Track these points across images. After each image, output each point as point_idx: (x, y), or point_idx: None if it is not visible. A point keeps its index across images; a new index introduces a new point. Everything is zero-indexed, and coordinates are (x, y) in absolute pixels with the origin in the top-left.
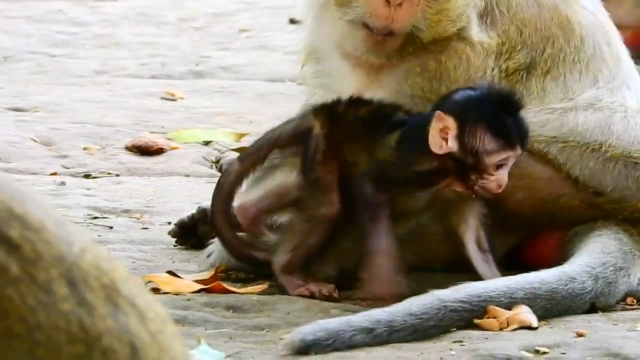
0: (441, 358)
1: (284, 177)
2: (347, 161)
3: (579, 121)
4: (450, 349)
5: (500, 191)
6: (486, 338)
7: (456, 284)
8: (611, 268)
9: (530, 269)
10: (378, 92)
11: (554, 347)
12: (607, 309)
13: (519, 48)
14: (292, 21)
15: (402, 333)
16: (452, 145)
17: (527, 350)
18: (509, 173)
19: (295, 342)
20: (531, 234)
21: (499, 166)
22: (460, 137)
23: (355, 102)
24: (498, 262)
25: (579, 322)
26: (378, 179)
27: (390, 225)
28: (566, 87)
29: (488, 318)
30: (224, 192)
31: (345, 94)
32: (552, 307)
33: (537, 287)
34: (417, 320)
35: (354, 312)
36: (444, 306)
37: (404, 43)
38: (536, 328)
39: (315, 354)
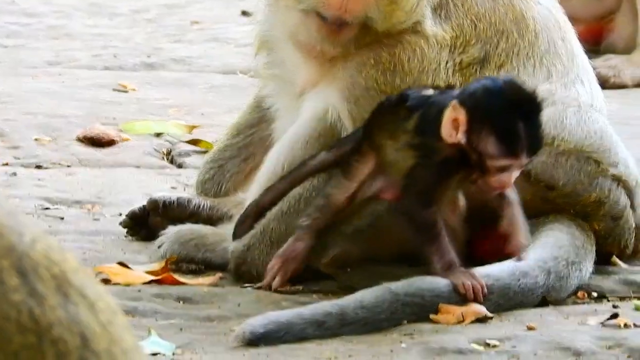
0: (392, 351)
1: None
2: (375, 144)
3: None
4: (401, 342)
5: (501, 192)
6: (437, 331)
7: (408, 278)
8: (563, 262)
9: (482, 263)
10: (332, 84)
11: (505, 340)
12: (558, 302)
13: (473, 42)
14: (244, 13)
15: (354, 326)
16: (461, 138)
17: (477, 343)
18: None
19: (245, 334)
20: (483, 228)
21: (501, 170)
22: (468, 133)
23: None
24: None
25: (530, 315)
26: (417, 193)
27: (446, 235)
28: None
29: (442, 314)
30: (304, 171)
31: (299, 85)
32: (504, 303)
33: (490, 283)
34: (369, 313)
35: (305, 304)
36: (396, 299)
37: (358, 34)
38: (491, 318)
39: (266, 346)
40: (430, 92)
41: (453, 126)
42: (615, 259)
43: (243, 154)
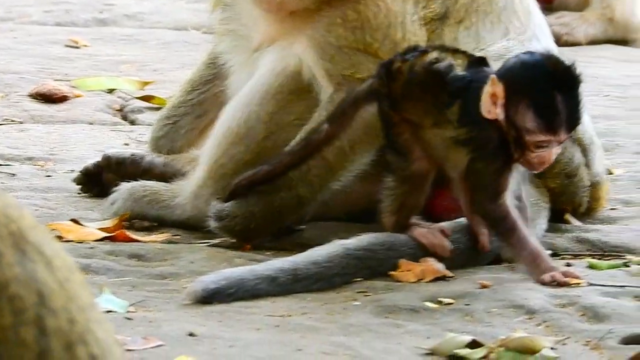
0: (345, 308)
1: None
2: (412, 121)
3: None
4: (355, 299)
5: (541, 169)
6: (391, 289)
7: (361, 234)
8: None
9: (436, 220)
10: (300, 41)
11: (458, 298)
12: (511, 260)
13: None
14: None
15: (306, 282)
16: (500, 113)
17: (431, 301)
18: None
19: (197, 291)
20: (437, 186)
21: (539, 146)
22: (506, 107)
23: (409, 53)
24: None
25: (483, 273)
26: (483, 189)
27: (524, 224)
28: (478, 37)
29: (402, 271)
30: (311, 147)
31: (255, 41)
32: (456, 258)
33: None
34: (321, 269)
35: (259, 261)
36: (348, 254)
37: None
38: (451, 277)
39: (219, 302)
40: (456, 62)
41: (492, 101)
42: (568, 216)
43: (197, 111)
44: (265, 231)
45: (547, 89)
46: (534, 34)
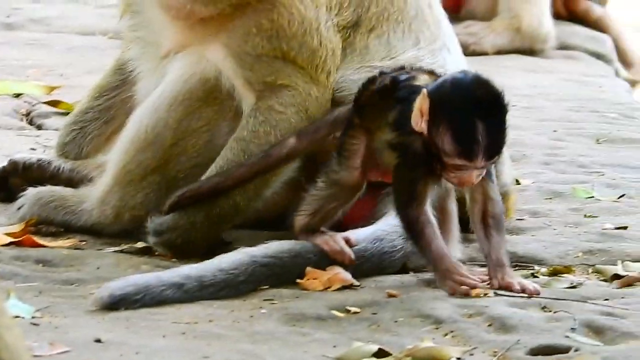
0: (251, 316)
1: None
2: (366, 125)
3: None
4: (261, 307)
5: (463, 187)
6: (298, 297)
7: (267, 242)
8: None
9: (344, 229)
10: (217, 51)
11: (366, 307)
12: (418, 269)
13: (346, 5)
14: None
15: (212, 289)
16: (424, 128)
17: (338, 310)
18: None
19: (104, 297)
20: None
21: (457, 169)
22: (429, 124)
23: (394, 71)
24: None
25: (391, 282)
26: (398, 193)
27: (438, 234)
28: (389, 46)
29: (308, 280)
30: (270, 161)
31: (164, 48)
32: (362, 265)
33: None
34: (228, 276)
35: (165, 267)
36: (254, 261)
37: None
38: (358, 286)
39: (125, 309)
40: (423, 78)
41: (420, 114)
42: None
43: (105, 117)
44: (204, 243)
45: (469, 115)
46: (444, 44)
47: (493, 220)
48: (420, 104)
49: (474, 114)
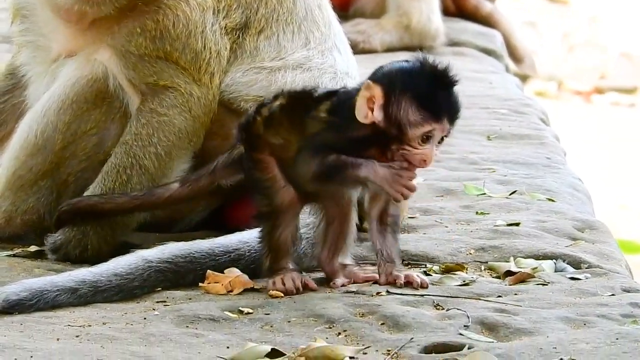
0: (145, 318)
1: None
2: (277, 147)
3: (287, 80)
4: (154, 309)
5: (424, 166)
6: (190, 299)
7: (162, 244)
8: (315, 229)
9: (234, 230)
10: (104, 52)
11: (258, 307)
12: (310, 269)
13: (234, 7)
14: None
15: (107, 293)
16: (377, 115)
17: (231, 311)
18: None
19: None
20: (234, 196)
21: (424, 140)
22: (385, 107)
23: (261, 106)
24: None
25: None
26: (317, 147)
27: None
28: (279, 47)
29: (209, 283)
30: (151, 199)
31: (54, 51)
32: (256, 267)
33: (240, 247)
34: (123, 280)
35: (57, 271)
36: (149, 266)
37: None
38: (259, 289)
39: (19, 313)
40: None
41: (368, 105)
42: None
43: None
44: (102, 248)
45: (428, 83)
46: (334, 45)
47: (391, 219)
48: (369, 93)
49: (432, 84)
